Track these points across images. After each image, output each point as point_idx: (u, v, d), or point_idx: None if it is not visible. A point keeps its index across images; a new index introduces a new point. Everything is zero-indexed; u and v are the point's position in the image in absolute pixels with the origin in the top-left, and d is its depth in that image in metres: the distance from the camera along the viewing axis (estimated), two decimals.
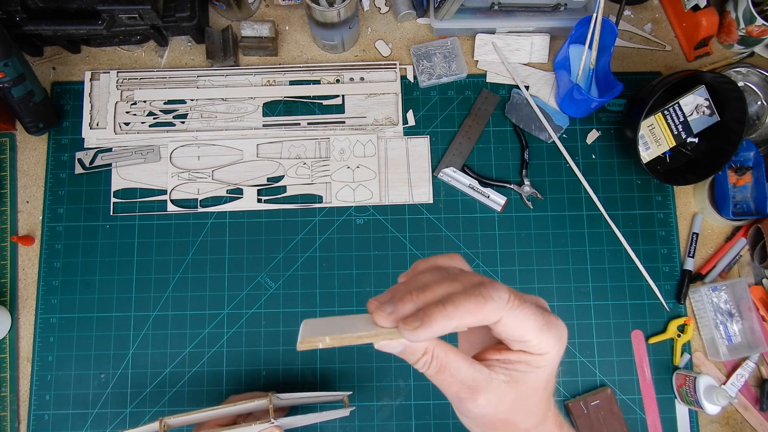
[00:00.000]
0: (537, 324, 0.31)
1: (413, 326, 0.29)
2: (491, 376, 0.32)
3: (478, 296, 0.29)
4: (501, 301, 0.30)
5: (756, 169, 0.80)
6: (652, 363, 0.78)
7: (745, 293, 0.77)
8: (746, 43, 0.84)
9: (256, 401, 0.60)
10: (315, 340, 0.30)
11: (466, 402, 0.32)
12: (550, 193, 0.82)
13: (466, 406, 0.32)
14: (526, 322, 0.31)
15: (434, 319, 0.29)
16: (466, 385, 0.32)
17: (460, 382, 0.32)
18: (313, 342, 0.30)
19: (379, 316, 0.30)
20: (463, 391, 0.32)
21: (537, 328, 0.31)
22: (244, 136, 0.82)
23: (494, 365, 0.33)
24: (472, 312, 0.29)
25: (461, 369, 0.32)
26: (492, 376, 0.32)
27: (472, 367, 0.32)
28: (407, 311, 0.30)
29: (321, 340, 0.30)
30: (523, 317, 0.31)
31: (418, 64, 0.83)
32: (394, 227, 0.81)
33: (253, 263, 0.80)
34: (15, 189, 0.81)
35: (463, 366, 0.32)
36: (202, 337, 0.78)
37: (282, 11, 0.86)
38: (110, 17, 0.74)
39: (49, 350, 0.77)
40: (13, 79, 0.72)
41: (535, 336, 0.32)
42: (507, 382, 0.32)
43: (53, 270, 0.79)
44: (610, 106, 0.84)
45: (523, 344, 0.32)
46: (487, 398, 0.32)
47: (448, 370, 0.32)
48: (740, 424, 0.78)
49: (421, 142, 0.82)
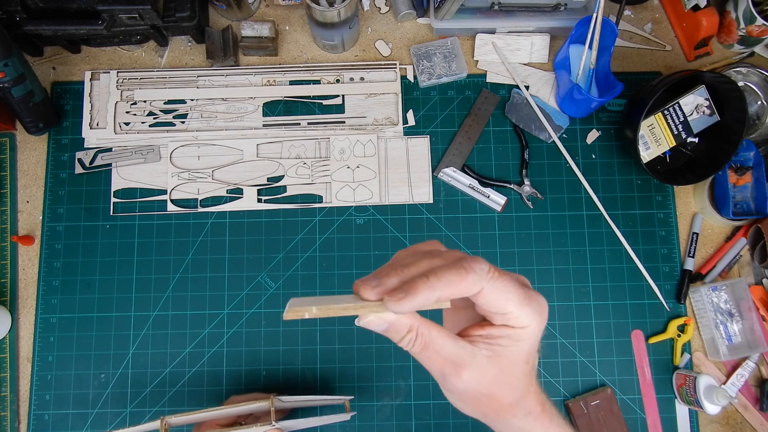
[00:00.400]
0: (517, 296, 0.32)
1: (398, 297, 0.30)
2: (474, 352, 0.33)
3: (459, 268, 0.30)
4: (482, 273, 0.31)
5: (756, 169, 0.80)
6: (652, 363, 0.78)
7: (745, 293, 0.77)
8: (746, 43, 0.84)
9: (258, 403, 0.60)
10: (302, 310, 0.30)
11: (451, 377, 0.33)
12: (550, 193, 0.82)
13: (450, 381, 0.33)
14: (507, 294, 0.32)
15: (418, 290, 0.30)
16: (450, 360, 0.33)
17: (444, 358, 0.33)
18: (300, 312, 0.30)
19: (364, 289, 0.31)
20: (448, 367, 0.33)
21: (517, 300, 0.32)
22: (244, 136, 0.82)
23: (477, 341, 0.34)
24: (454, 283, 0.30)
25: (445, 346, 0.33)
26: (475, 352, 0.33)
27: (455, 344, 0.33)
28: (392, 285, 0.31)
29: (308, 310, 0.30)
30: (503, 289, 0.32)
31: (418, 64, 0.83)
32: (394, 227, 0.81)
33: (253, 263, 0.80)
34: (15, 189, 0.81)
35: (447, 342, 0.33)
36: (202, 337, 0.78)
37: (282, 11, 0.86)
38: (110, 17, 0.74)
39: (49, 350, 0.77)
40: (13, 79, 0.72)
41: (516, 308, 0.32)
42: (489, 356, 0.33)
43: (53, 270, 0.79)
44: (610, 106, 0.84)
45: (504, 317, 0.33)
46: (470, 373, 0.33)
47: (432, 347, 0.33)
48: (740, 424, 0.78)
49: (421, 142, 0.82)
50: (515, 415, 0.36)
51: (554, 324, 0.79)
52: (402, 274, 0.31)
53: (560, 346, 0.78)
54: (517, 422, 0.37)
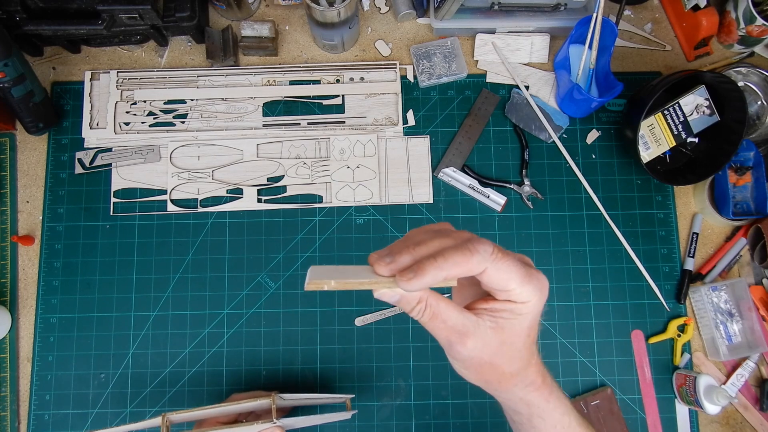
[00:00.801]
0: (519, 274, 0.35)
1: (408, 277, 0.33)
2: (479, 323, 0.36)
3: (465, 250, 0.33)
4: (485, 254, 0.33)
5: (756, 169, 0.80)
6: (652, 363, 0.78)
7: (745, 293, 0.77)
8: (746, 43, 0.84)
9: (259, 400, 0.60)
10: (321, 282, 0.32)
11: (456, 345, 0.36)
12: (550, 193, 0.82)
13: (456, 348, 0.36)
14: (509, 273, 0.34)
15: (426, 271, 0.32)
16: (456, 330, 0.35)
17: (450, 327, 0.35)
18: (320, 284, 0.32)
19: (379, 265, 0.34)
20: (454, 335, 0.36)
21: (519, 278, 0.35)
22: (244, 136, 0.82)
23: (481, 313, 0.36)
24: (460, 264, 0.33)
25: (452, 316, 0.35)
26: (479, 323, 0.36)
27: (461, 315, 0.36)
28: (404, 263, 0.34)
29: (326, 283, 0.32)
30: (506, 268, 0.34)
31: (418, 64, 0.83)
32: (394, 227, 0.81)
33: (253, 263, 0.80)
34: (15, 189, 0.81)
35: (454, 313, 0.35)
36: (202, 337, 0.78)
37: (282, 11, 0.86)
38: (110, 17, 0.74)
39: (49, 350, 0.77)
40: (13, 79, 0.72)
41: (518, 285, 0.35)
42: (493, 328, 0.36)
43: (53, 270, 0.79)
44: (610, 106, 0.84)
45: (507, 293, 0.35)
46: (474, 342, 0.36)
47: (440, 317, 0.35)
48: (740, 424, 0.78)
49: (421, 142, 0.82)
50: (516, 385, 0.39)
51: (554, 324, 0.79)
52: (414, 253, 0.34)
53: (560, 346, 0.78)
54: (518, 392, 0.40)
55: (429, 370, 0.78)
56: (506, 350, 0.37)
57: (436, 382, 0.77)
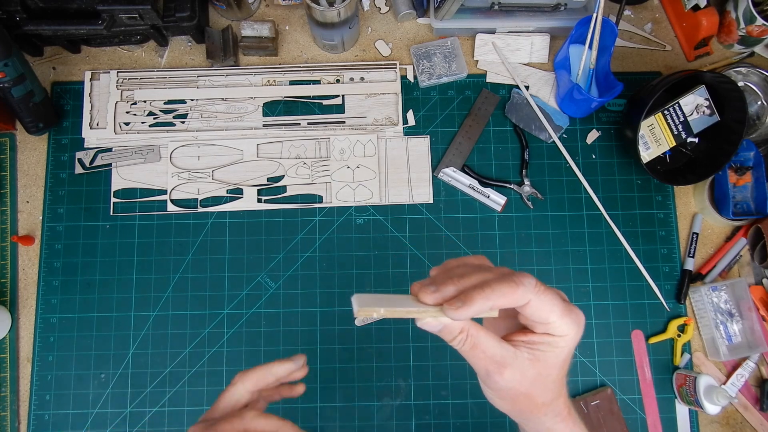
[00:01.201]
0: (559, 308, 0.36)
1: (456, 306, 0.34)
2: (516, 354, 0.37)
3: (511, 282, 0.34)
4: (530, 286, 0.35)
5: (756, 169, 0.80)
6: (652, 363, 0.78)
7: (745, 293, 0.77)
8: (746, 43, 0.84)
9: None
10: (371, 310, 0.34)
11: (494, 375, 0.37)
12: (550, 193, 0.82)
13: (494, 378, 0.37)
14: (551, 306, 0.36)
15: (475, 300, 0.34)
16: (495, 360, 0.36)
17: (489, 357, 0.36)
18: (369, 311, 0.34)
19: (424, 294, 0.35)
20: (492, 365, 0.37)
21: (559, 311, 0.36)
22: (244, 136, 0.82)
23: (519, 345, 0.38)
24: (507, 294, 0.34)
25: (491, 346, 0.36)
26: (517, 354, 0.37)
27: (500, 346, 0.37)
28: (449, 293, 0.35)
29: (376, 311, 0.34)
30: (548, 301, 0.35)
31: (418, 64, 0.83)
32: (394, 227, 0.81)
33: (253, 263, 0.80)
34: (15, 189, 0.81)
35: (493, 344, 0.36)
36: (202, 337, 0.78)
37: (282, 11, 0.86)
38: (110, 17, 0.74)
39: (49, 350, 0.77)
40: (13, 79, 0.72)
41: (558, 318, 0.36)
42: (530, 359, 0.37)
43: (53, 270, 0.79)
44: (610, 106, 0.84)
45: (547, 326, 0.37)
46: (512, 373, 0.37)
47: (480, 347, 0.36)
48: (740, 424, 0.78)
49: (421, 142, 0.82)
50: (546, 415, 0.40)
51: None
52: (458, 284, 0.35)
53: None
54: (547, 422, 0.41)
55: (429, 370, 0.78)
56: (541, 381, 0.38)
57: (436, 382, 0.77)
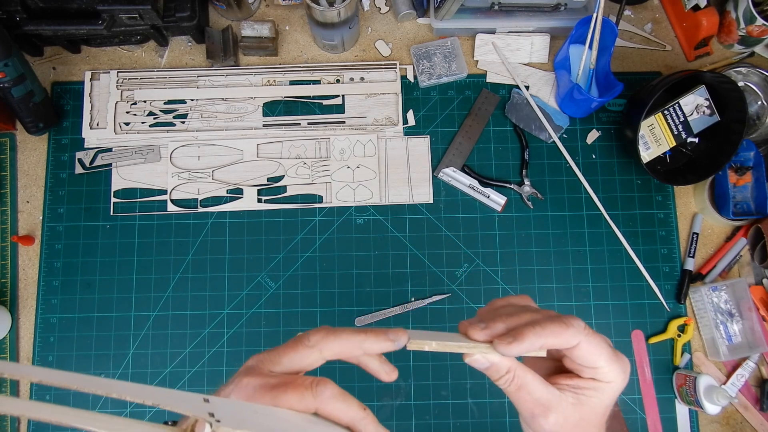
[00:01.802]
0: (608, 353, 0.36)
1: (507, 341, 0.34)
2: (561, 398, 0.37)
3: (560, 322, 0.35)
4: (579, 328, 0.35)
5: (756, 169, 0.80)
6: (652, 363, 0.78)
7: (745, 293, 0.77)
8: (746, 43, 0.84)
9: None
10: (423, 343, 0.35)
11: (539, 418, 0.37)
12: (550, 193, 0.82)
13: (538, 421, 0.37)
14: (599, 350, 0.36)
15: (526, 337, 0.34)
16: (540, 403, 0.36)
17: (535, 400, 0.36)
18: (422, 344, 0.35)
19: (474, 330, 0.36)
20: (538, 408, 0.37)
21: (607, 356, 0.36)
22: (244, 136, 0.82)
23: (564, 389, 0.38)
24: (557, 334, 0.34)
25: (537, 388, 0.36)
26: (562, 398, 0.37)
27: (546, 388, 0.37)
28: (499, 330, 0.36)
29: (428, 344, 0.35)
30: (596, 345, 0.36)
31: (418, 64, 0.83)
32: (394, 227, 0.81)
33: (253, 263, 0.80)
34: (15, 189, 0.81)
35: (539, 386, 0.37)
36: (202, 337, 0.78)
37: (282, 11, 0.86)
38: (110, 17, 0.74)
39: (49, 350, 0.77)
40: (13, 79, 0.72)
41: (606, 364, 0.36)
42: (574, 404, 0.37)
43: (53, 270, 0.79)
44: (610, 106, 0.84)
45: (594, 371, 0.37)
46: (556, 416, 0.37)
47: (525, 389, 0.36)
48: (740, 424, 0.78)
49: (421, 142, 0.82)
50: None
51: None
52: (507, 322, 0.36)
53: None
54: None
55: (429, 370, 0.78)
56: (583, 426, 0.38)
57: (436, 382, 0.77)
